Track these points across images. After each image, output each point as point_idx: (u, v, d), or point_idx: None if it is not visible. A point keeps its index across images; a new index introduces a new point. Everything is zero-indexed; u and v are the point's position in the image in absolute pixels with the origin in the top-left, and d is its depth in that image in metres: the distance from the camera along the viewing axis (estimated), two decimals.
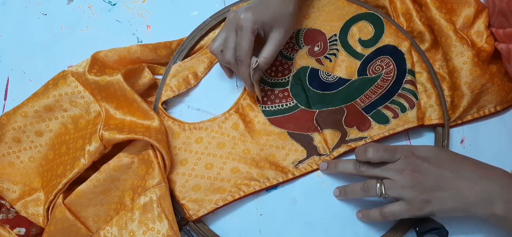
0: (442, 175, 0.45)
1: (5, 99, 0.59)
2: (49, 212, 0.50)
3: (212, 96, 0.57)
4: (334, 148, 0.53)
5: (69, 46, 0.60)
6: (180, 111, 0.57)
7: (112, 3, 0.62)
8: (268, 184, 0.52)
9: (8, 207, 0.51)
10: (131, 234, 0.48)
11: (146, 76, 0.56)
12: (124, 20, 0.61)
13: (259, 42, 0.51)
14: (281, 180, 0.52)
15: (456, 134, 0.54)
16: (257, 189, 0.52)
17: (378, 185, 0.46)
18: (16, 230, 0.50)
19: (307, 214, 0.52)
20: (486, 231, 0.50)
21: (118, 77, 0.52)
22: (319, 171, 0.53)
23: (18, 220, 0.51)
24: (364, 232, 0.51)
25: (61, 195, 0.49)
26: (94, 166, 0.50)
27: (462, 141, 0.54)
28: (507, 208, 0.43)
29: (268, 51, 0.51)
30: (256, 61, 0.50)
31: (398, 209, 0.45)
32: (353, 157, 0.53)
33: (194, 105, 0.57)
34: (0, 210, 0.51)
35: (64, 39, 0.61)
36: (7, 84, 0.59)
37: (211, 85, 0.57)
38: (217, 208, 0.51)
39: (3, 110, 0.58)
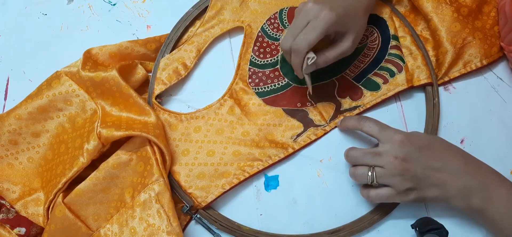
0: (430, 166, 0.46)
1: (5, 99, 0.59)
2: (49, 211, 0.50)
3: (209, 89, 0.57)
4: (331, 120, 0.54)
5: (69, 46, 0.60)
6: (180, 111, 0.57)
7: (112, 3, 0.62)
8: (270, 162, 0.52)
9: (8, 207, 0.51)
10: (132, 231, 0.48)
11: (140, 73, 0.56)
12: (124, 20, 0.61)
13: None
14: (282, 156, 0.53)
15: (456, 134, 0.54)
16: (261, 168, 0.52)
17: (370, 173, 0.47)
18: (16, 230, 0.50)
19: (307, 214, 0.52)
20: (486, 231, 0.50)
21: (113, 72, 0.52)
22: (319, 171, 0.53)
23: (18, 220, 0.51)
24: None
25: (61, 194, 0.49)
26: (93, 165, 0.50)
27: (462, 141, 0.54)
28: (483, 203, 0.45)
29: (332, 54, 0.49)
30: (314, 58, 0.47)
31: (385, 194, 0.47)
32: None
33: (194, 105, 0.57)
34: (0, 210, 0.51)
35: (64, 39, 0.61)
36: (7, 84, 0.59)
37: (206, 79, 0.57)
38: (224, 192, 0.51)
39: (3, 110, 0.58)
